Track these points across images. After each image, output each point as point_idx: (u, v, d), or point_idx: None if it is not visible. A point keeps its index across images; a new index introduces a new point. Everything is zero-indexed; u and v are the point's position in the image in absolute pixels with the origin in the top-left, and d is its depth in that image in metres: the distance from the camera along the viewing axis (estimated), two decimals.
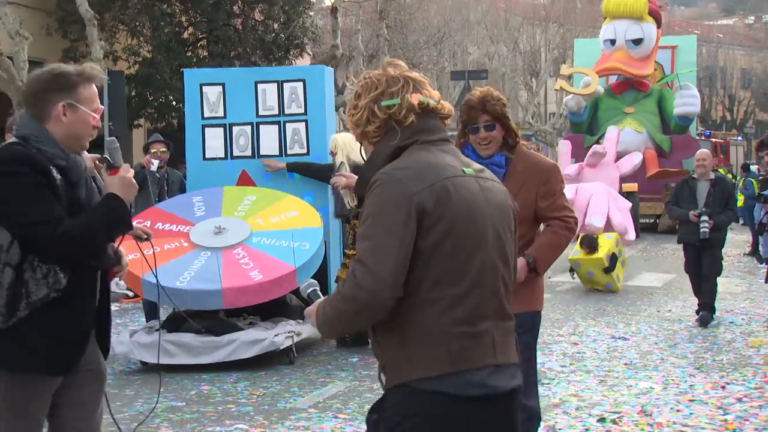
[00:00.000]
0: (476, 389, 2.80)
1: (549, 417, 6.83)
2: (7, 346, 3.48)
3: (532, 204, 4.64)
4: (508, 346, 2.94)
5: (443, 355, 2.79)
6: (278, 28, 24.37)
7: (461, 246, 2.83)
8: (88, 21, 18.00)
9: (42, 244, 3.46)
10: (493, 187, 3.01)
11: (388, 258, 2.76)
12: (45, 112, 3.60)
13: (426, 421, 2.79)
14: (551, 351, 9.39)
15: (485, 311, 2.87)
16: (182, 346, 8.32)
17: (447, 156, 2.97)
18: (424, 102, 2.98)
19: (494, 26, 46.41)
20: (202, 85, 9.90)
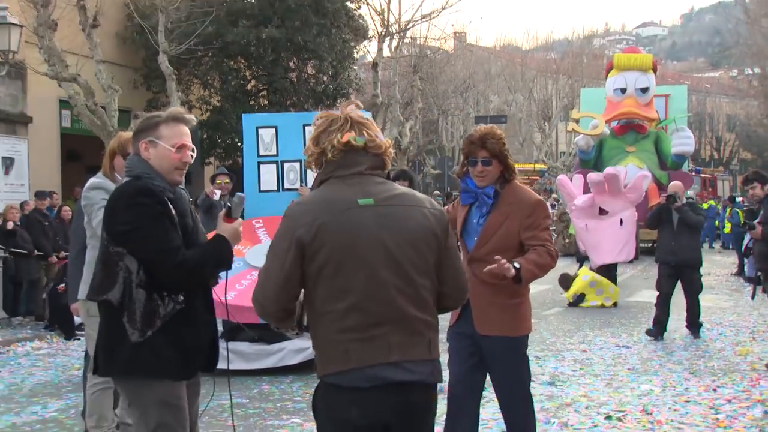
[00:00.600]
0: (365, 382, 2.91)
1: (562, 415, 6.78)
2: (146, 357, 3.42)
3: (516, 234, 4.45)
4: (409, 344, 2.99)
5: (338, 356, 2.95)
6: (327, 80, 24.54)
7: (342, 268, 2.94)
8: (168, 76, 18.25)
9: (161, 270, 3.45)
10: (397, 212, 3.04)
11: (270, 279, 2.99)
12: (135, 149, 3.65)
13: (330, 407, 2.98)
14: (563, 357, 9.31)
15: (377, 320, 2.95)
16: (238, 354, 8.29)
17: (349, 189, 3.04)
18: (350, 141, 3.06)
19: (512, 78, 46.46)
20: (258, 128, 9.97)
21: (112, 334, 3.46)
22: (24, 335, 11.40)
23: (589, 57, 49.30)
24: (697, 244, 10.78)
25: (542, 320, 12.22)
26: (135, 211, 3.44)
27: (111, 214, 3.50)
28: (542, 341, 10.35)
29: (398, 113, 27.52)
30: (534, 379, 8.06)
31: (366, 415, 2.94)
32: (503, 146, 4.48)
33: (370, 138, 3.10)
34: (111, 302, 3.44)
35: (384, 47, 25.52)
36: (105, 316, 3.50)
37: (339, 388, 2.96)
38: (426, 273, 3.06)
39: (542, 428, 6.38)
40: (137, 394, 3.48)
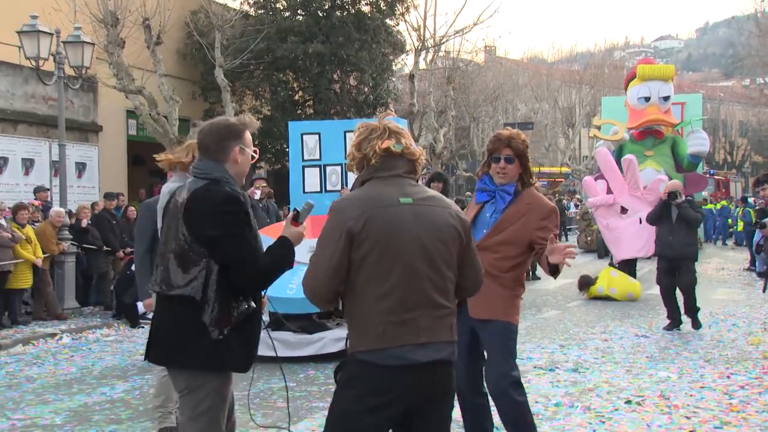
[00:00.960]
0: (396, 360, 3.02)
1: (585, 399, 6.69)
2: (222, 353, 3.38)
3: (529, 231, 4.35)
4: (436, 328, 3.11)
5: (372, 336, 3.04)
6: (368, 90, 24.54)
7: (384, 257, 3.06)
8: (223, 88, 18.39)
9: (243, 276, 3.38)
10: (431, 212, 3.17)
11: (321, 265, 3.09)
12: (224, 156, 3.53)
13: (360, 381, 3.06)
14: (586, 346, 9.20)
15: (409, 304, 3.06)
16: (283, 342, 8.28)
17: (390, 188, 3.17)
18: (390, 147, 3.20)
19: (538, 88, 46.08)
20: (303, 134, 9.99)
21: (188, 329, 3.36)
22: (94, 323, 11.54)
23: (610, 68, 48.72)
24: (693, 239, 10.53)
25: (566, 311, 12.10)
26: (224, 218, 3.36)
27: (198, 217, 3.38)
28: (566, 331, 10.24)
29: (433, 121, 27.43)
30: (558, 366, 8.01)
31: (392, 390, 3.03)
32: (526, 149, 4.44)
33: (406, 146, 3.24)
34: (190, 299, 3.36)
35: (420, 60, 25.44)
36: (180, 312, 3.38)
37: (371, 364, 3.04)
38: (451, 266, 3.19)
39: (566, 411, 6.31)
40: (201, 384, 3.40)
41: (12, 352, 9.65)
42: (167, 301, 3.43)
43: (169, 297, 3.41)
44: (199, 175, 3.51)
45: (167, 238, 3.49)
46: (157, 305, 3.53)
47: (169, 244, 3.46)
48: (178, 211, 3.46)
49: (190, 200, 3.43)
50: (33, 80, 16.32)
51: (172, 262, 3.40)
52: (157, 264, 3.52)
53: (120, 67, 16.31)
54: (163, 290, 3.43)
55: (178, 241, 3.41)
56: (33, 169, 17.07)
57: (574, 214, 30.63)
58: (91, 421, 6.29)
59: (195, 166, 3.57)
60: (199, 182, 3.48)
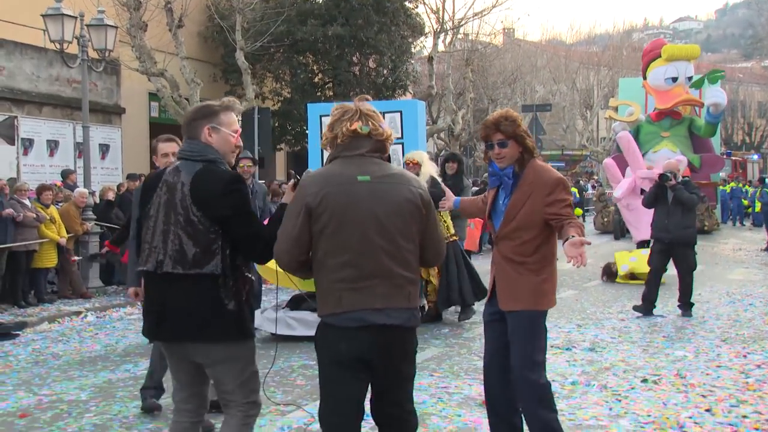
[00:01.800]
0: (353, 322, 3.32)
1: (601, 378, 6.66)
2: (242, 322, 3.50)
3: (539, 211, 4.12)
4: (392, 295, 3.36)
5: (333, 301, 3.35)
6: (387, 73, 24.45)
7: (340, 230, 3.33)
8: (244, 71, 18.36)
9: (254, 249, 3.53)
10: (389, 189, 3.41)
11: (285, 236, 3.39)
12: (195, 135, 3.58)
13: (325, 341, 3.41)
14: (603, 325, 9.15)
15: (365, 273, 3.33)
16: (301, 321, 8.26)
17: (351, 167, 3.41)
18: (357, 129, 3.44)
19: (556, 70, 45.74)
20: (322, 116, 9.94)
21: (210, 304, 3.43)
22: (118, 302, 11.62)
23: (628, 50, 48.20)
24: (691, 222, 9.86)
25: (583, 291, 12.04)
26: (234, 198, 3.46)
27: (208, 198, 3.44)
28: (583, 311, 10.19)
29: (451, 103, 27.28)
30: (575, 346, 7.98)
31: (351, 349, 3.34)
32: (518, 127, 4.20)
33: (374, 127, 3.46)
34: (209, 275, 3.42)
35: (439, 42, 25.29)
36: (199, 288, 3.44)
37: (332, 326, 3.37)
38: (409, 238, 3.43)
39: (582, 390, 6.28)
40: (237, 353, 3.52)
41: (38, 329, 9.75)
42: (180, 279, 3.45)
43: (183, 275, 3.44)
44: (194, 157, 3.54)
45: (167, 218, 3.49)
46: (162, 284, 3.51)
47: (173, 224, 3.47)
48: (176, 192, 3.48)
49: (195, 182, 3.46)
50: (57, 63, 16.41)
51: (185, 242, 3.43)
52: (155, 245, 3.52)
53: (142, 50, 16.33)
54: (176, 270, 3.44)
55: (189, 221, 3.44)
56: (58, 151, 17.19)
57: (591, 196, 30.45)
58: (115, 397, 6.35)
59: (186, 148, 3.60)
60: (195, 164, 3.51)
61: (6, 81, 16.21)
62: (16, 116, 16.23)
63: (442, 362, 7.31)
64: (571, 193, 4.26)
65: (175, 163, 3.64)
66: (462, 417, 5.54)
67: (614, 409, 5.76)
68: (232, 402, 3.58)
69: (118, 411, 5.90)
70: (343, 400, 3.40)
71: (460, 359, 7.38)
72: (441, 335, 8.62)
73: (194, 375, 3.64)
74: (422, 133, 10.18)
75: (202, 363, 3.56)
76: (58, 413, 5.90)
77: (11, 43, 16.36)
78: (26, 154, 16.42)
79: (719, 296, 11.23)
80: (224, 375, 3.54)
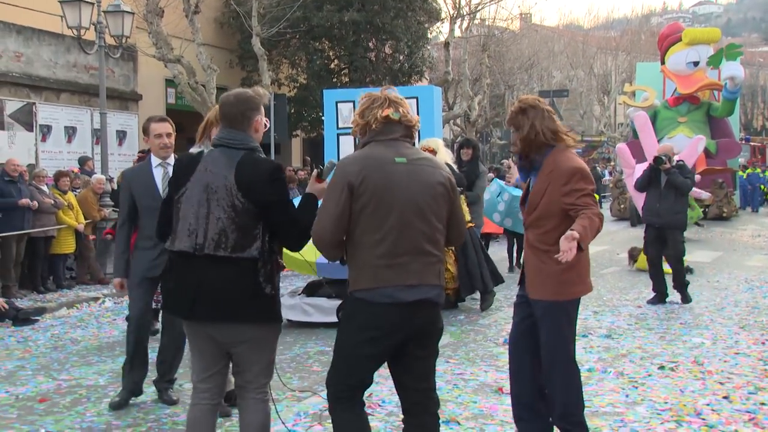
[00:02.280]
0: (386, 299, 3.45)
1: (618, 365, 6.64)
2: (276, 305, 3.68)
3: (557, 201, 4.11)
4: (424, 272, 3.52)
5: (368, 277, 3.48)
6: (403, 59, 24.34)
7: (379, 209, 3.47)
8: (260, 57, 18.34)
9: (292, 234, 3.68)
10: (423, 171, 3.58)
11: (327, 214, 3.50)
12: (248, 126, 3.74)
13: (355, 315, 3.54)
14: (619, 312, 9.12)
15: (400, 250, 3.48)
16: (317, 307, 8.25)
17: (388, 150, 3.58)
18: (389, 115, 3.62)
19: (574, 55, 45.45)
20: (338, 102, 9.86)
21: (247, 287, 3.56)
22: None
23: (647, 34, 47.87)
24: (682, 207, 9.63)
25: (600, 278, 12.00)
26: (278, 186, 3.63)
27: (254, 185, 3.58)
28: (599, 298, 10.16)
29: (468, 88, 27.18)
30: (592, 332, 7.95)
31: (384, 324, 3.47)
32: (523, 116, 4.20)
33: (404, 114, 3.66)
34: (249, 259, 3.56)
35: (455, 28, 25.19)
36: (236, 271, 3.56)
37: (364, 301, 3.49)
38: (440, 219, 3.61)
39: (599, 377, 6.27)
40: (265, 335, 3.68)
41: (57, 315, 9.84)
42: (220, 261, 3.56)
43: (223, 258, 3.56)
44: (235, 145, 3.68)
45: (209, 202, 3.60)
46: (199, 265, 3.60)
47: (216, 209, 3.59)
48: (219, 177, 3.60)
49: (240, 170, 3.60)
50: (75, 49, 16.46)
51: (228, 227, 3.56)
52: (193, 227, 3.61)
53: (159, 36, 16.35)
54: (218, 252, 3.56)
55: (233, 207, 3.57)
56: (75, 137, 17.29)
57: (608, 182, 30.28)
58: None
59: (226, 137, 3.71)
60: (238, 152, 3.66)
61: (24, 67, 16.30)
62: (35, 102, 16.33)
63: (457, 349, 7.31)
64: (592, 182, 4.18)
65: (210, 149, 3.79)
66: (477, 403, 5.54)
67: (631, 396, 5.74)
68: (250, 384, 3.70)
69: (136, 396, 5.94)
70: (359, 371, 3.55)
71: (476, 346, 7.37)
72: (456, 322, 8.61)
73: (217, 356, 3.73)
74: (438, 119, 10.11)
75: (230, 343, 3.66)
76: (77, 398, 5.95)
77: (29, 30, 16.43)
78: (44, 141, 16.54)
79: (737, 283, 11.14)
80: (249, 356, 3.67)
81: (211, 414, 3.78)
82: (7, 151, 14.78)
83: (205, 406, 3.76)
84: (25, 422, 5.37)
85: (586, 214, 4.02)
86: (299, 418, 5.25)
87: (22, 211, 10.93)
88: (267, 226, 3.61)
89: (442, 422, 4.27)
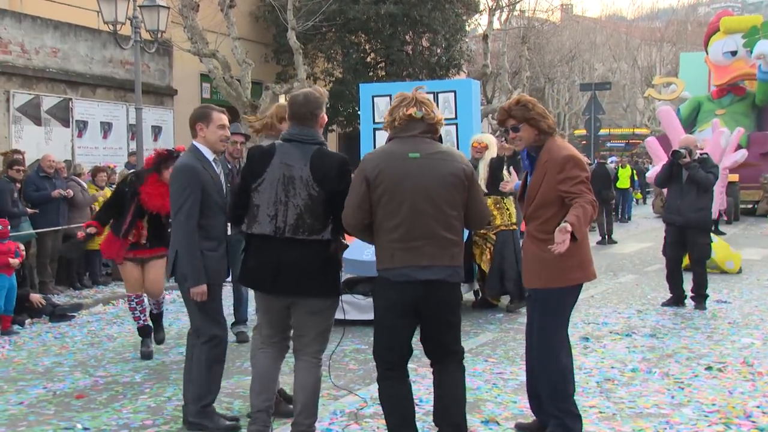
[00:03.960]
0: (402, 277, 4.07)
1: (663, 365, 6.56)
2: (337, 280, 4.45)
3: (553, 190, 4.38)
4: (438, 255, 4.07)
5: (387, 258, 4.12)
6: (441, 52, 24.26)
7: (393, 199, 4.07)
8: (296, 50, 18.40)
9: None
10: (436, 164, 4.12)
11: (350, 203, 4.14)
12: (315, 123, 4.38)
13: (380, 291, 4.21)
14: (664, 311, 9.01)
15: (414, 235, 4.06)
16: (353, 305, 8.23)
17: (404, 146, 4.14)
18: (412, 114, 4.15)
19: (616, 47, 44.94)
20: (374, 96, 9.86)
21: (322, 265, 4.32)
22: (170, 284, 11.76)
23: (693, 24, 47.11)
24: (705, 204, 8.99)
25: (644, 276, 11.85)
26: (348, 176, 4.31)
27: (328, 176, 4.26)
28: (643, 296, 10.03)
29: (507, 82, 27.03)
30: (635, 332, 7.86)
31: (400, 299, 4.10)
32: (529, 111, 4.49)
33: (427, 112, 4.18)
34: (324, 241, 4.29)
35: (494, 20, 25.04)
36: (313, 251, 4.29)
37: (386, 279, 4.13)
38: (454, 206, 4.13)
39: (643, 377, 6.19)
40: (328, 307, 4.43)
41: (93, 311, 9.99)
42: (296, 243, 4.26)
43: (300, 240, 4.25)
44: (307, 141, 4.32)
45: (287, 192, 4.26)
46: (279, 247, 4.27)
47: (293, 197, 4.25)
48: (295, 169, 4.25)
49: (314, 163, 4.27)
50: (111, 45, 16.65)
51: (304, 213, 4.25)
52: (273, 214, 4.26)
53: (194, 30, 16.49)
54: (296, 236, 4.24)
55: (309, 196, 4.25)
56: (111, 133, 17.51)
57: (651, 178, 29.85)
58: (169, 379, 6.46)
59: (299, 133, 4.33)
60: (311, 147, 4.31)
61: (60, 63, 16.54)
62: (71, 98, 16.57)
63: (496, 347, 7.27)
64: (585, 169, 4.44)
65: (280, 143, 4.34)
66: (517, 404, 5.50)
67: (677, 397, 5.66)
68: (307, 348, 4.42)
69: (172, 393, 6.01)
70: (393, 339, 4.19)
71: (515, 344, 7.33)
72: (495, 320, 8.57)
73: (285, 319, 4.47)
74: (477, 113, 10.05)
75: (297, 312, 4.37)
76: (113, 395, 6.04)
77: (65, 25, 16.67)
78: (80, 136, 16.77)
79: None
80: (311, 324, 4.38)
81: (277, 360, 4.57)
82: (44, 147, 15.00)
83: (272, 352, 4.54)
84: (63, 418, 5.46)
85: (579, 202, 4.26)
86: (335, 416, 5.26)
87: (57, 206, 11.09)
88: (334, 212, 4.24)
89: (480, 422, 4.31)
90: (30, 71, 15.70)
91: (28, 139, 15.14)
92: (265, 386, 4.51)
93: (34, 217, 10.77)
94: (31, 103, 15.62)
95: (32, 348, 7.86)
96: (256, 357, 4.61)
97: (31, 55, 15.82)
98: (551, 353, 4.49)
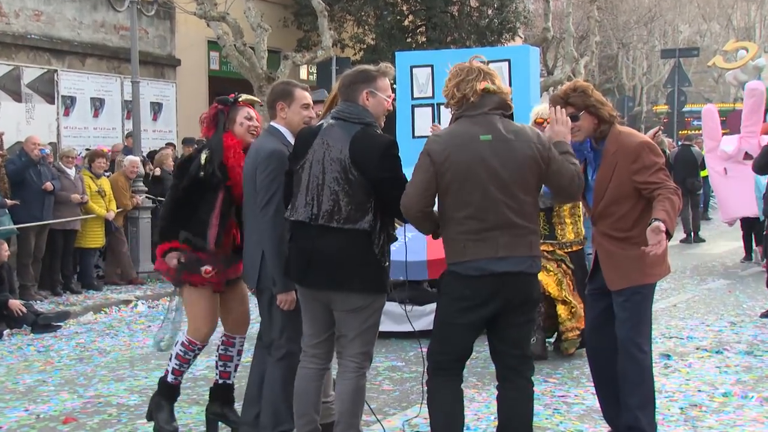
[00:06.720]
0: (475, 271, 4.28)
1: (762, 389, 6.53)
2: (385, 277, 4.58)
3: (627, 182, 4.66)
4: (514, 245, 4.29)
5: (458, 250, 4.34)
6: (492, 13, 24.18)
7: (464, 186, 4.29)
8: (320, 13, 18.40)
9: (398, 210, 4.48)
10: (509, 147, 4.31)
11: (414, 187, 4.36)
12: (353, 99, 4.55)
13: (449, 287, 4.43)
14: (764, 324, 8.94)
15: (487, 225, 4.27)
16: (388, 314, 8.18)
17: (474, 126, 4.34)
18: (487, 87, 4.33)
19: (707, 4, 44.29)
20: (413, 67, 9.84)
21: (361, 258, 4.47)
22: (172, 289, 11.88)
23: None
24: None
25: (738, 281, 11.73)
26: (392, 162, 4.49)
27: (368, 160, 4.43)
28: (738, 305, 9.93)
29: (572, 48, 26.79)
30: (728, 348, 7.80)
31: (474, 296, 4.31)
32: (589, 98, 4.73)
33: (498, 86, 4.38)
34: (363, 231, 4.43)
35: None
36: (351, 243, 4.45)
37: (456, 274, 4.35)
38: (529, 192, 4.35)
39: (739, 402, 6.15)
40: (370, 304, 4.55)
41: (82, 320, 10.10)
42: (333, 231, 4.44)
43: (336, 229, 4.44)
44: (351, 119, 4.52)
45: (324, 175, 4.45)
46: (314, 234, 4.45)
47: (330, 181, 4.44)
48: (334, 150, 4.45)
49: (354, 144, 4.44)
50: (103, 7, 16.85)
51: (342, 199, 4.43)
52: (309, 198, 4.45)
53: None
54: (331, 224, 4.43)
55: (347, 180, 4.43)
56: (103, 111, 17.64)
57: None
58: None
59: (344, 110, 4.53)
60: (354, 126, 4.50)
61: (44, 28, 16.65)
62: (56, 70, 16.72)
63: (558, 366, 7.24)
64: (661, 155, 4.66)
65: (329, 122, 4.53)
66: None
67: None
68: (347, 350, 4.60)
69: None
70: (456, 340, 4.42)
71: (581, 362, 7.28)
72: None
73: (328, 321, 4.64)
74: (535, 85, 9.97)
75: (336, 310, 4.55)
76: (105, 419, 6.12)
77: None
78: (67, 115, 16.92)
79: None
80: (352, 323, 4.55)
81: (318, 377, 4.70)
82: (24, 127, 15.18)
83: (312, 369, 4.68)
84: None
85: (662, 194, 4.51)
86: None
87: (42, 197, 11.15)
88: (379, 200, 4.44)
89: None
90: (8, 38, 15.85)
91: (6, 118, 15.26)
92: (304, 408, 4.68)
93: (15, 209, 10.80)
94: (9, 76, 15.81)
95: (12, 364, 7.98)
96: (297, 373, 4.78)
97: (9, 19, 15.98)
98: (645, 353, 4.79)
